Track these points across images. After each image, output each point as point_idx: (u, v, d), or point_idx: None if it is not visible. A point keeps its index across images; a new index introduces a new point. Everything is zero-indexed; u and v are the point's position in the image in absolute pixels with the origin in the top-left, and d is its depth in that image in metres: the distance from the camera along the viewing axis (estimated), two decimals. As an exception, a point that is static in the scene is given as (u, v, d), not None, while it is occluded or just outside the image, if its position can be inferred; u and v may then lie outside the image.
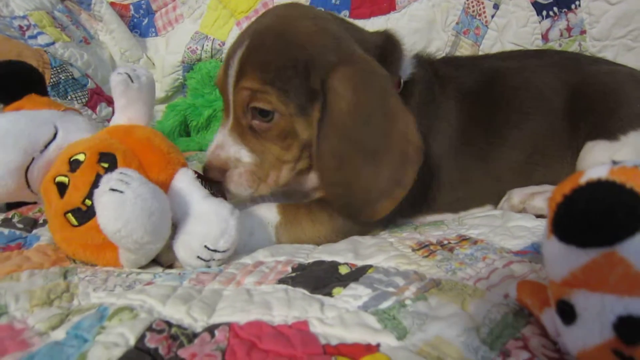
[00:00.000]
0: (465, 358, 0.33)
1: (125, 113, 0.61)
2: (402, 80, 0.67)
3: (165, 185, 0.56)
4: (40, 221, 0.69)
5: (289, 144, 0.62)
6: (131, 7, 1.18)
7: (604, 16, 0.93)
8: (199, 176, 0.59)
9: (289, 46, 0.59)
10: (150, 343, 0.38)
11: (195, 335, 0.39)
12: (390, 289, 0.45)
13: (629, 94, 0.70)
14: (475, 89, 0.73)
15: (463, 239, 0.57)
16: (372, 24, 1.02)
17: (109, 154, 0.54)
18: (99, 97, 0.97)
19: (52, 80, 0.89)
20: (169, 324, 0.40)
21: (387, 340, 0.37)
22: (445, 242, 0.57)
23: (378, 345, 0.36)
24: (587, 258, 0.27)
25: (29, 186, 0.60)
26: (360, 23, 1.00)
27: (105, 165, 0.53)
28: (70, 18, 1.04)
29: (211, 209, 0.53)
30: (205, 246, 0.52)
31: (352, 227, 0.64)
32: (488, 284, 0.43)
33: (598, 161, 0.65)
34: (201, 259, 0.53)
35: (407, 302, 0.42)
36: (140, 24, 1.18)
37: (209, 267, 0.54)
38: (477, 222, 0.65)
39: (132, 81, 0.60)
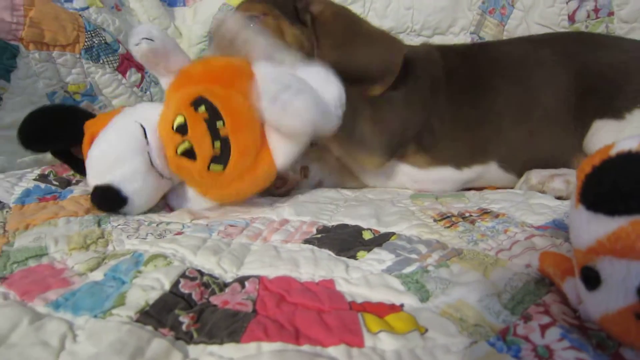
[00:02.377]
0: (486, 320, 0.35)
1: (170, 70, 0.63)
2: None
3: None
4: (74, 181, 0.71)
5: (277, 40, 0.71)
6: (160, -27, 1.18)
7: (634, -1, 0.91)
8: None
9: None
10: (184, 289, 0.40)
11: (225, 285, 0.41)
12: (414, 256, 0.46)
13: (634, 72, 0.71)
14: (476, 54, 0.80)
15: (485, 212, 0.58)
16: (398, 1, 1.01)
17: (197, 100, 0.55)
18: (129, 63, 0.98)
19: (86, 44, 0.90)
20: (201, 273, 0.43)
21: (411, 302, 0.38)
22: (467, 214, 0.58)
23: (402, 305, 0.38)
24: (615, 226, 0.28)
25: (162, 176, 0.61)
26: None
27: (203, 109, 0.55)
28: (101, -18, 1.05)
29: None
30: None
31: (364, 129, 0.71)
32: (510, 255, 0.44)
33: (606, 140, 0.65)
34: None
35: (430, 268, 0.43)
36: (169, -8, 1.19)
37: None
38: (498, 197, 0.66)
39: (151, 40, 0.61)
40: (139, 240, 0.50)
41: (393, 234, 0.52)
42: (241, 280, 0.42)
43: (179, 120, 0.56)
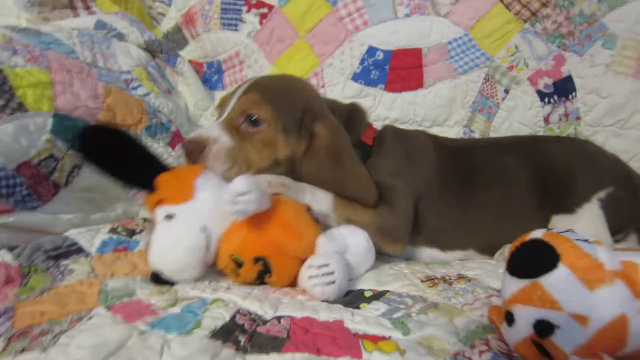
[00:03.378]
0: (446, 348, 0.51)
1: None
2: (375, 132, 0.95)
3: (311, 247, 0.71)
4: (137, 231, 0.90)
5: (265, 155, 0.81)
6: (205, 65, 1.43)
7: (596, 107, 1.12)
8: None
9: (292, 90, 0.85)
10: (239, 320, 0.57)
11: (266, 321, 0.58)
12: (402, 306, 0.63)
13: (580, 171, 0.90)
14: (452, 149, 0.97)
15: (461, 276, 0.75)
16: (403, 97, 1.23)
17: (259, 258, 0.68)
18: (178, 139, 1.20)
19: (147, 124, 1.12)
20: (249, 312, 0.59)
21: (396, 335, 0.55)
22: (447, 277, 0.75)
23: (390, 337, 0.54)
24: (522, 284, 0.46)
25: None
26: (392, 96, 1.23)
27: (260, 264, 0.68)
28: (158, 72, 1.29)
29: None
30: None
31: (388, 223, 0.83)
32: (471, 308, 0.61)
33: None
34: None
35: (413, 314, 0.60)
36: (210, 79, 1.43)
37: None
38: (475, 265, 0.83)
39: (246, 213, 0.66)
40: (200, 291, 0.67)
41: (388, 291, 0.68)
42: (278, 318, 0.58)
43: (238, 258, 0.69)
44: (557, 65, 1.15)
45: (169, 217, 0.71)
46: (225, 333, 0.54)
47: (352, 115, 0.94)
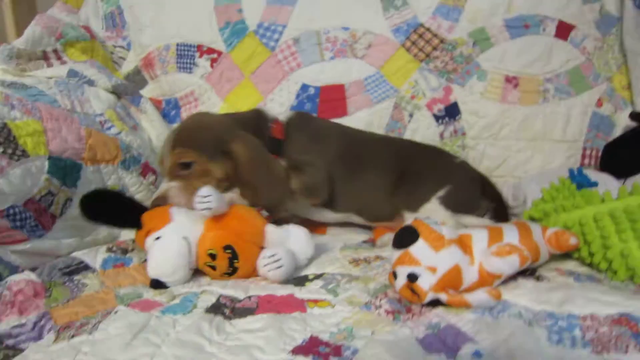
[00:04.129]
0: (360, 300, 0.79)
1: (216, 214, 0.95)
2: (283, 125, 1.22)
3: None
4: (129, 250, 1.12)
5: (207, 181, 1.04)
6: (163, 102, 1.65)
7: (476, 124, 1.46)
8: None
9: (202, 128, 1.12)
10: (222, 301, 0.82)
11: (241, 300, 0.83)
12: (334, 281, 0.90)
13: (426, 177, 1.19)
14: (352, 137, 1.29)
15: (377, 257, 1.04)
16: (332, 123, 1.53)
17: (227, 246, 0.92)
18: (147, 168, 1.41)
19: (122, 159, 1.33)
20: (228, 295, 0.85)
21: (329, 297, 0.82)
22: (368, 259, 1.03)
23: (325, 299, 0.82)
24: (399, 253, 0.75)
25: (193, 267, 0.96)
26: (324, 122, 1.52)
27: (229, 252, 0.91)
28: (124, 112, 1.51)
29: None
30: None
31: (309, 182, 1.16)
32: (380, 276, 0.91)
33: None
34: None
35: (341, 284, 0.88)
36: (169, 114, 1.65)
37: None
38: (388, 249, 1.13)
39: (210, 209, 0.92)
40: (189, 288, 0.90)
41: (324, 273, 0.96)
42: (249, 297, 0.84)
43: (212, 251, 0.91)
44: (446, 94, 1.49)
45: (158, 238, 0.96)
46: (215, 309, 0.79)
47: (258, 119, 1.21)
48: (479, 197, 1.23)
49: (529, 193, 1.29)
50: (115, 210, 1.02)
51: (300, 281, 0.92)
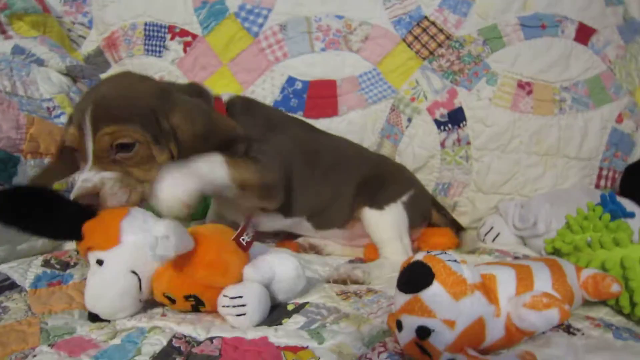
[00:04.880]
0: (352, 352, 0.62)
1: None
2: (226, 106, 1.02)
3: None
4: (72, 264, 0.92)
5: (149, 168, 0.82)
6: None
7: (482, 133, 1.31)
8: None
9: (135, 102, 0.82)
10: (175, 344, 0.64)
11: (200, 342, 0.65)
12: (318, 317, 0.73)
13: (391, 179, 1.12)
14: (307, 130, 1.16)
15: (369, 290, 0.87)
16: (320, 124, 1.33)
17: (190, 296, 0.73)
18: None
19: (72, 153, 1.14)
20: (184, 335, 0.66)
21: (312, 344, 0.65)
22: (359, 292, 0.86)
23: (307, 346, 0.64)
24: (407, 298, 0.58)
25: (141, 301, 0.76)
26: (310, 122, 1.34)
27: (192, 300, 0.73)
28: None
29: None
30: None
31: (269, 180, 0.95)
32: (375, 316, 0.73)
33: (373, 221, 1.08)
34: None
35: (327, 324, 0.70)
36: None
37: None
38: (381, 281, 0.96)
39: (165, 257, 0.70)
40: (137, 320, 0.72)
41: (307, 303, 0.79)
42: (211, 339, 0.66)
43: (170, 295, 0.73)
44: (450, 97, 1.33)
45: (99, 262, 0.73)
46: (164, 356, 0.61)
47: (199, 91, 0.98)
48: (430, 204, 1.21)
49: (540, 215, 1.15)
50: (43, 213, 0.73)
51: (276, 317, 0.74)
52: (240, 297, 0.71)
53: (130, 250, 0.74)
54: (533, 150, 1.30)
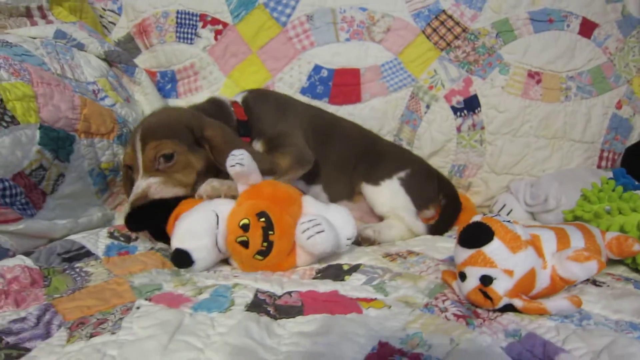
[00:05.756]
0: (417, 301, 0.72)
1: (248, 183, 0.90)
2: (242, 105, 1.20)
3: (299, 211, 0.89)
4: (133, 237, 0.99)
5: (188, 172, 1.00)
6: (158, 74, 1.51)
7: (495, 119, 1.42)
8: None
9: (173, 120, 1.04)
10: (261, 297, 0.73)
11: (280, 296, 0.74)
12: (375, 275, 0.82)
13: (388, 158, 1.23)
14: (317, 112, 1.31)
15: (410, 252, 0.97)
16: (344, 110, 1.43)
17: (261, 213, 0.84)
18: (145, 147, 1.29)
19: (118, 133, 1.20)
20: (265, 291, 0.75)
21: (380, 296, 0.74)
22: (401, 253, 0.96)
23: (376, 298, 0.74)
24: (471, 252, 0.68)
25: (220, 251, 0.87)
26: (335, 108, 1.43)
27: (263, 220, 0.83)
28: (117, 82, 1.36)
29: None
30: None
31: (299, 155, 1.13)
32: (427, 273, 0.83)
33: (372, 197, 1.20)
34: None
35: (385, 281, 0.80)
36: (164, 88, 1.51)
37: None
38: (417, 243, 1.07)
39: (242, 165, 0.86)
40: (214, 280, 0.80)
41: (360, 264, 0.88)
42: (289, 293, 0.75)
43: (245, 221, 0.83)
44: (466, 86, 1.43)
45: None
46: (256, 306, 0.69)
47: (219, 107, 1.17)
48: (436, 189, 1.27)
49: (551, 192, 1.26)
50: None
51: (338, 273, 0.84)
52: (315, 219, 0.84)
53: (211, 202, 0.92)
54: (541, 134, 1.42)
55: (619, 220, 0.86)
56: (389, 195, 1.18)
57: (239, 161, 0.85)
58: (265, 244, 0.83)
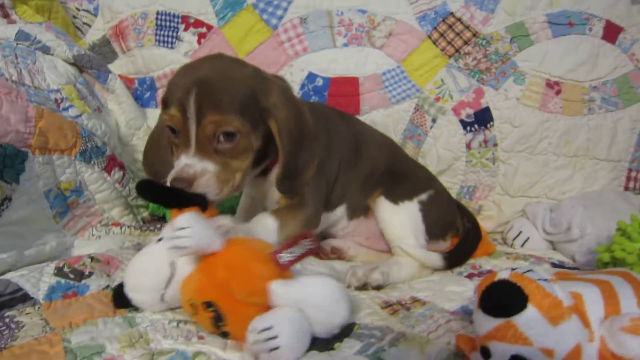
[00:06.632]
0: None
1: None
2: None
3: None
4: (86, 273, 0.84)
5: (245, 157, 0.83)
6: (136, 81, 1.36)
7: (510, 135, 1.27)
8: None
9: (236, 86, 0.80)
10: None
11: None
12: (373, 340, 0.67)
13: (412, 176, 1.09)
14: (348, 123, 1.09)
15: (414, 300, 0.82)
16: (342, 122, 1.29)
17: (208, 303, 0.64)
18: (113, 162, 1.13)
19: (81, 148, 1.05)
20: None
21: (378, 370, 0.59)
22: (403, 302, 0.81)
23: (373, 373, 0.59)
24: (497, 323, 0.53)
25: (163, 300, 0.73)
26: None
27: (212, 310, 0.64)
28: (87, 89, 1.21)
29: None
30: None
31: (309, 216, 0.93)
32: (436, 335, 0.68)
33: (385, 216, 1.04)
34: None
35: (385, 347, 0.64)
36: (142, 96, 1.36)
37: None
38: (422, 286, 0.91)
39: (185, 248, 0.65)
40: (173, 340, 0.65)
41: (355, 324, 0.71)
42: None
43: (193, 302, 0.66)
44: (477, 97, 1.29)
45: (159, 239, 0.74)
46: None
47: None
48: (457, 214, 1.14)
49: (574, 219, 1.12)
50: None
51: (326, 343, 0.66)
52: (270, 327, 0.59)
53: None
54: (562, 152, 1.27)
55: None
56: (404, 219, 1.03)
57: (181, 243, 0.63)
58: (218, 332, 0.67)
